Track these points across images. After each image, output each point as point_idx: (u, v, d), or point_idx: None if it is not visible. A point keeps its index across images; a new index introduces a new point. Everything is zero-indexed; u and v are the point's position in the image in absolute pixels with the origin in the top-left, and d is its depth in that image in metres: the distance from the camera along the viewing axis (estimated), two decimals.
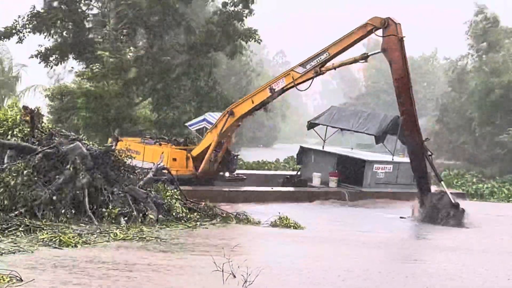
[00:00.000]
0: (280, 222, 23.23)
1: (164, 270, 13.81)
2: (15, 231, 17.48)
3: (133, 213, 21.15)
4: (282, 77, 31.42)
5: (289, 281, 13.44)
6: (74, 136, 24.41)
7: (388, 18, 28.07)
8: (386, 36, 28.20)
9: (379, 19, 28.24)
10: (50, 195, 20.29)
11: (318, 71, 30.13)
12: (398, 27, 28.04)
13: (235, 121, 32.39)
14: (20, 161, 21.17)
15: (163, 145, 33.68)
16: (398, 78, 28.49)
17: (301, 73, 30.46)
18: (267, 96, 31.55)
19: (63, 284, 11.64)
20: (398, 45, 28.12)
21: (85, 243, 16.34)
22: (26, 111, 24.52)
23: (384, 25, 28.11)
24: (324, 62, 30.03)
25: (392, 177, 37.21)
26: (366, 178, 36.59)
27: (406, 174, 36.61)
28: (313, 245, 19.89)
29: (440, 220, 28.30)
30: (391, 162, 37.49)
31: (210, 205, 24.13)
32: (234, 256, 13.68)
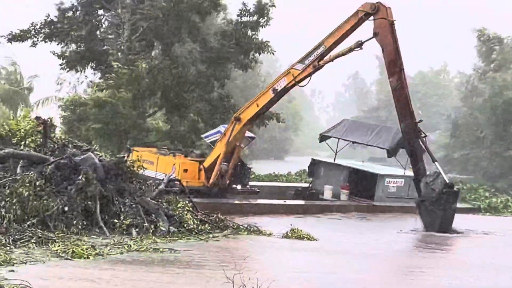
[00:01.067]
0: (292, 233, 23.18)
1: (175, 282, 13.79)
2: (27, 242, 17.50)
3: (144, 224, 21.15)
4: (283, 77, 31.31)
5: None
6: (86, 146, 24.50)
7: (378, 3, 28.16)
8: (377, 19, 28.29)
9: (369, 4, 28.35)
10: (62, 206, 20.33)
11: (317, 65, 30.04)
12: (388, 10, 28.19)
13: (242, 127, 32.22)
14: (32, 172, 21.22)
15: (177, 156, 33.60)
16: (390, 61, 28.55)
17: (300, 69, 30.40)
18: (270, 97, 31.41)
19: None
20: (389, 28, 28.25)
21: (98, 255, 16.33)
22: (38, 122, 24.59)
23: (374, 10, 28.22)
24: (322, 55, 30.01)
25: (403, 191, 37.19)
26: (378, 191, 36.56)
27: None
28: (324, 257, 19.82)
29: (435, 201, 28.36)
30: (403, 176, 37.46)
31: (221, 217, 24.10)
32: (245, 268, 13.65)
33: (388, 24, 28.16)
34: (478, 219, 35.63)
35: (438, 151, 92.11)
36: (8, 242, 17.13)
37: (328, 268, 17.48)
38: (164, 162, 32.68)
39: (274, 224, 25.99)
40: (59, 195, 20.82)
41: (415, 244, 26.93)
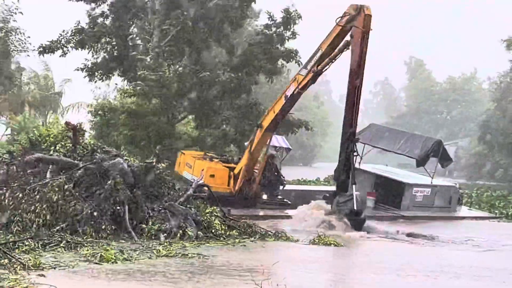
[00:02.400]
0: (319, 240, 23.10)
1: (203, 287, 13.81)
2: (56, 247, 17.62)
3: (172, 229, 21.20)
4: (291, 83, 31.25)
5: None
6: (115, 152, 24.60)
7: (362, 6, 28.04)
8: (355, 25, 28.14)
9: (354, 6, 28.22)
10: (91, 210, 20.44)
11: (315, 69, 29.96)
12: (367, 19, 27.95)
13: (263, 134, 32.12)
14: (62, 177, 21.37)
15: (213, 161, 33.50)
16: (352, 69, 28.49)
17: (304, 74, 30.38)
18: (283, 104, 31.30)
19: None
20: (361, 36, 28.01)
21: (126, 260, 16.39)
22: (68, 127, 24.79)
23: (357, 12, 28.05)
24: (321, 60, 29.83)
25: (430, 200, 36.99)
26: (405, 200, 36.29)
27: (443, 197, 36.88)
28: (349, 267, 19.71)
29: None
30: (430, 186, 37.23)
31: (249, 223, 24.09)
32: (273, 274, 13.64)
33: (361, 34, 27.94)
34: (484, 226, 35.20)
35: (468, 158, 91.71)
36: (37, 246, 17.26)
37: (351, 280, 17.38)
38: (199, 166, 32.68)
39: (301, 229, 25.98)
40: (88, 200, 20.95)
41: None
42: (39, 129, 31.54)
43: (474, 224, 34.96)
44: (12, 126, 60.98)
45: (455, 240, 27.07)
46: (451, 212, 37.45)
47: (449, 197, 37.75)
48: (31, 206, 19.93)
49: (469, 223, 35.32)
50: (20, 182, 21.41)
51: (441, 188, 38.05)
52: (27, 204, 20.02)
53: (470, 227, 33.41)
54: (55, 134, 25.42)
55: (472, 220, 36.81)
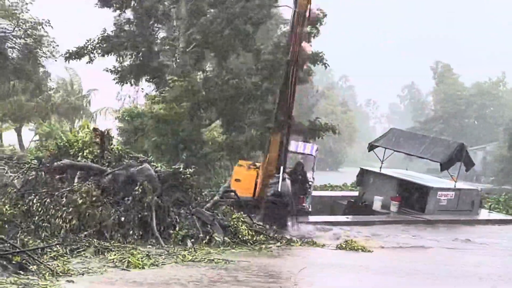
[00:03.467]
0: (347, 245, 23.05)
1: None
2: (84, 252, 17.72)
3: (199, 235, 21.26)
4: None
5: None
6: (142, 157, 24.71)
7: None
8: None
9: None
10: (119, 216, 20.54)
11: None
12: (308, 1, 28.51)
13: (273, 134, 32.16)
14: (89, 182, 21.49)
15: (251, 168, 33.44)
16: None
17: None
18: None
19: None
20: (292, 16, 28.94)
21: (152, 265, 16.46)
22: (96, 133, 24.92)
23: None
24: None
25: (453, 204, 36.90)
26: (429, 204, 36.21)
27: (466, 201, 37.02)
28: (375, 273, 19.57)
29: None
30: (454, 189, 37.18)
31: (276, 228, 24.09)
32: (300, 280, 13.63)
33: (293, 11, 28.67)
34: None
35: (496, 163, 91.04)
36: (66, 252, 17.37)
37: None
38: (236, 172, 32.71)
39: (329, 234, 25.92)
40: (115, 205, 21.06)
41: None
42: (67, 135, 31.69)
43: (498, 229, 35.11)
44: (40, 132, 61.48)
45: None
46: (473, 215, 37.50)
47: (472, 200, 37.83)
48: (59, 212, 20.06)
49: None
50: (48, 188, 21.56)
51: (464, 191, 38.06)
52: (55, 210, 20.15)
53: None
54: (83, 140, 25.50)
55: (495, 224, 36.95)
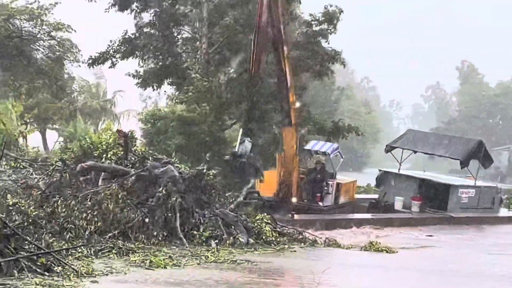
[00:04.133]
0: (371, 246, 23.00)
1: None
2: (108, 253, 17.81)
3: (223, 236, 21.29)
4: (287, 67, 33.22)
5: None
6: (166, 159, 24.78)
7: None
8: None
9: None
10: (143, 217, 20.61)
11: None
12: None
13: (284, 130, 33.56)
14: (114, 184, 21.59)
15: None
16: None
17: None
18: None
19: None
20: None
21: (175, 265, 16.51)
22: (120, 135, 25.02)
23: None
24: None
25: (474, 201, 37.00)
26: (451, 202, 36.35)
27: (487, 198, 37.48)
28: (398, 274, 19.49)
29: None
30: (474, 187, 37.41)
31: (299, 229, 24.08)
32: (323, 281, 13.61)
33: None
34: None
35: None
36: (90, 253, 17.46)
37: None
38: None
39: (354, 235, 25.89)
40: (139, 207, 21.14)
41: None
42: (91, 137, 31.82)
43: None
44: (64, 134, 61.79)
45: None
46: (494, 213, 37.63)
47: (492, 198, 38.03)
48: (83, 214, 20.17)
49: None
50: (72, 190, 21.69)
51: (484, 189, 38.50)
52: (79, 212, 20.25)
53: None
54: (107, 142, 25.62)
55: None
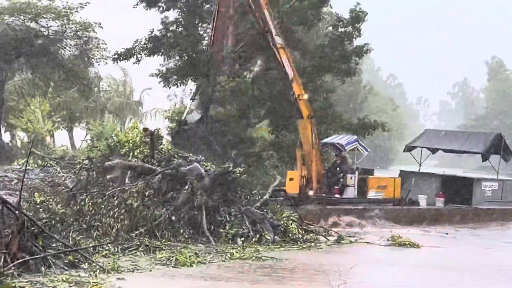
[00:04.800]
0: (395, 241, 22.93)
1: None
2: (135, 251, 17.90)
3: (249, 233, 21.31)
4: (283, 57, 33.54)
5: None
6: (192, 157, 24.82)
7: None
8: None
9: None
10: (169, 215, 20.68)
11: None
12: None
13: (298, 122, 33.53)
14: (140, 182, 21.67)
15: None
16: None
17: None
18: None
19: None
20: None
21: (200, 263, 16.55)
22: (146, 133, 25.09)
23: None
24: None
25: (498, 195, 36.98)
26: (475, 196, 36.35)
27: (510, 191, 37.48)
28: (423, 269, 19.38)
29: None
30: (497, 180, 37.48)
31: (325, 227, 24.07)
32: (349, 278, 13.59)
33: None
34: None
35: None
36: (117, 250, 17.56)
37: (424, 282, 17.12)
38: None
39: (376, 231, 25.89)
40: (166, 205, 21.21)
41: None
42: (117, 135, 31.93)
43: None
44: (91, 133, 62.12)
45: None
46: None
47: None
48: (110, 211, 20.28)
49: None
50: (99, 188, 21.80)
51: (507, 182, 38.65)
52: (106, 210, 20.37)
53: None
54: (134, 140, 25.71)
55: None
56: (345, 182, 33.52)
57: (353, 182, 33.64)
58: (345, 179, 33.56)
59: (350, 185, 33.52)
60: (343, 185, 33.47)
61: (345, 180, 33.58)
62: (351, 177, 33.73)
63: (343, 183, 33.47)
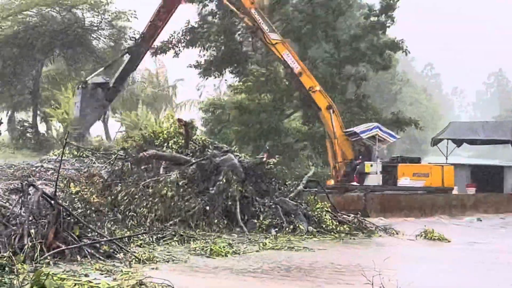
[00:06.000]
0: (427, 235, 22.79)
1: (314, 281, 13.80)
2: (169, 241, 17.99)
3: (283, 224, 21.32)
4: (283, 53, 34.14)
5: None
6: (226, 148, 24.88)
7: None
8: None
9: None
10: (203, 205, 20.75)
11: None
12: None
13: (320, 116, 34.59)
14: (174, 172, 21.76)
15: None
16: None
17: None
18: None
19: None
20: None
21: (234, 253, 16.59)
22: (180, 123, 25.19)
23: None
24: None
25: None
26: (507, 183, 36.34)
27: None
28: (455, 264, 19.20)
29: None
30: None
31: (360, 218, 23.99)
32: (384, 269, 13.53)
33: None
34: None
35: None
36: (152, 240, 17.67)
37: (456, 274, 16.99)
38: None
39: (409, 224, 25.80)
40: (200, 195, 21.28)
41: None
42: (152, 126, 32.25)
43: None
44: (126, 123, 62.48)
45: None
46: None
47: None
48: (145, 202, 20.40)
49: None
50: (134, 178, 21.94)
51: None
52: (140, 200, 20.50)
53: None
54: (168, 131, 25.83)
55: None
56: (362, 170, 33.50)
57: (374, 169, 33.54)
58: (362, 166, 33.53)
59: (372, 173, 33.49)
60: (360, 172, 33.48)
61: (362, 167, 33.54)
62: (371, 164, 33.64)
63: (360, 170, 33.47)
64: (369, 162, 33.73)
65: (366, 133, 34.91)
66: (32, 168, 29.41)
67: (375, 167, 33.85)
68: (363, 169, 33.64)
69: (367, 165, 33.59)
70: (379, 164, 34.13)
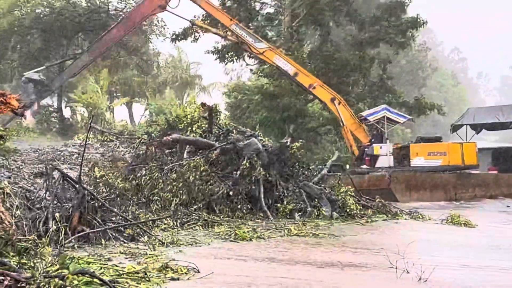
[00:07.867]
0: (451, 219, 22.70)
1: (337, 267, 13.79)
2: (193, 225, 18.05)
3: (307, 209, 21.31)
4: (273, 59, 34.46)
5: (464, 280, 13.07)
6: (250, 132, 24.87)
7: None
8: None
9: None
10: (227, 190, 20.77)
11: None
12: None
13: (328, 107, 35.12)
14: (198, 157, 21.79)
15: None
16: None
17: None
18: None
19: (237, 276, 11.86)
20: None
21: (259, 238, 16.59)
22: (204, 108, 25.22)
23: None
24: None
25: None
26: None
27: None
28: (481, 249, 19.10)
29: None
30: None
31: (384, 202, 23.95)
32: (408, 253, 13.49)
33: None
34: None
35: None
36: (176, 224, 17.73)
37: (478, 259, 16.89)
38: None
39: (434, 208, 25.68)
40: (224, 179, 21.30)
41: None
42: (176, 110, 32.28)
43: None
44: (150, 108, 62.67)
45: None
46: None
47: None
48: (169, 186, 20.45)
49: None
50: (158, 163, 21.99)
51: None
52: (164, 184, 20.55)
53: None
54: (192, 115, 25.87)
55: None
56: (371, 152, 33.58)
57: (384, 151, 33.56)
58: (371, 149, 33.61)
59: (382, 155, 33.53)
60: (370, 155, 33.63)
61: (370, 150, 33.62)
62: (380, 146, 33.66)
63: (368, 152, 33.57)
64: (378, 144, 33.78)
65: (374, 115, 35.00)
66: (56, 152, 29.62)
67: (385, 149, 33.88)
68: (372, 151, 33.74)
69: (376, 147, 33.66)
70: (390, 145, 34.18)
